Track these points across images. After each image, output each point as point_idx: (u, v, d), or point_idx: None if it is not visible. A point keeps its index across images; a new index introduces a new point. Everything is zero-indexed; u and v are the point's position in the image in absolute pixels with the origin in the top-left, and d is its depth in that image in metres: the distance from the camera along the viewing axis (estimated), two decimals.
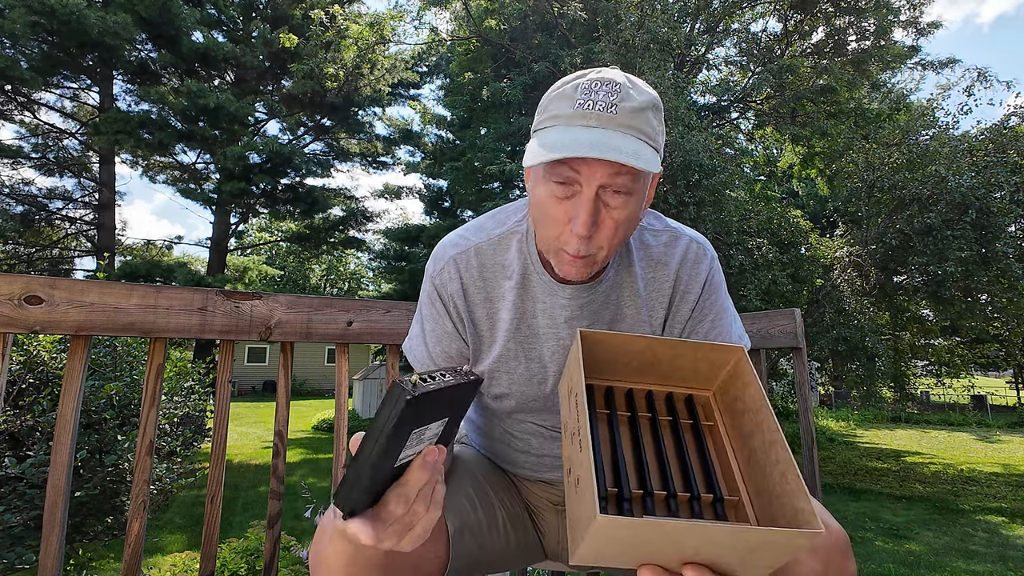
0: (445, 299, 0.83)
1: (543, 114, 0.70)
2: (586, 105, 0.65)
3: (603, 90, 0.65)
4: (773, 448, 0.57)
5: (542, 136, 0.67)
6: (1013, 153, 6.36)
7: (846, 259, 7.50)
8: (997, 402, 19.60)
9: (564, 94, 0.68)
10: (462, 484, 0.86)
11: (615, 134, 0.64)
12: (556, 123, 0.66)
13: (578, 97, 0.66)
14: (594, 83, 0.66)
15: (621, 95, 0.65)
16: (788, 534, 0.46)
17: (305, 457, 8.49)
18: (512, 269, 0.82)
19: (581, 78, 0.68)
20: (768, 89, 8.98)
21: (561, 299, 0.80)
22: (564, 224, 0.68)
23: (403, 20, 10.86)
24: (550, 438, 0.90)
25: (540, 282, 0.81)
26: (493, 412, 0.93)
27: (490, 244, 0.83)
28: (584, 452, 0.53)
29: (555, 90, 0.70)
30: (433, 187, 15.68)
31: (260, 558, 2.52)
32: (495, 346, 0.83)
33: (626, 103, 0.65)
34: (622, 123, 0.64)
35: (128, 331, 1.07)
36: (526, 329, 0.82)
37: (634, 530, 0.46)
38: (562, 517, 0.96)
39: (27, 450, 3.06)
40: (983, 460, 9.34)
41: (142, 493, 1.04)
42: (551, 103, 0.69)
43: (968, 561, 4.40)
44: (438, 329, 0.84)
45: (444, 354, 0.84)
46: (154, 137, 12.05)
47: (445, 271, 0.82)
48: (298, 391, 20.38)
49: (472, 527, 0.81)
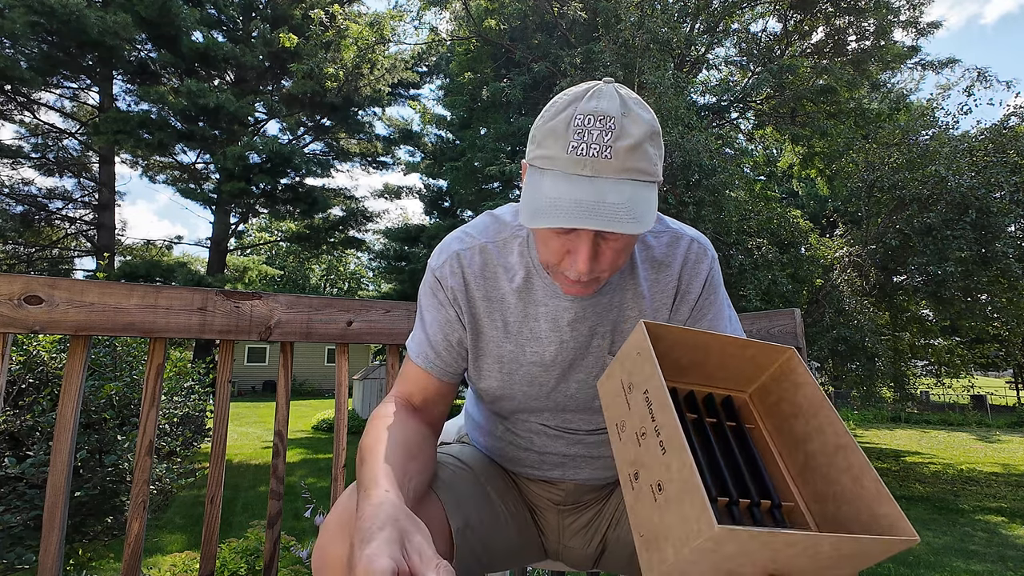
0: (446, 289, 0.82)
1: (538, 149, 0.67)
2: (579, 150, 0.62)
3: (597, 128, 0.63)
4: (841, 452, 0.54)
5: (537, 182, 0.65)
6: (1013, 153, 6.35)
7: (846, 259, 7.50)
8: (997, 402, 19.60)
9: (556, 130, 0.65)
10: (464, 483, 0.86)
11: (610, 185, 0.62)
12: (550, 166, 0.65)
13: (571, 139, 0.63)
14: (587, 119, 0.63)
15: (615, 133, 0.63)
16: (885, 542, 0.43)
17: (305, 457, 8.49)
18: (515, 271, 0.82)
19: (574, 107, 0.65)
20: (768, 89, 8.98)
21: (564, 301, 0.80)
22: (563, 255, 0.69)
23: (403, 20, 10.87)
24: (553, 436, 0.90)
25: (542, 285, 0.81)
26: (495, 411, 0.93)
27: (494, 245, 0.83)
28: (672, 455, 0.48)
29: (550, 119, 0.67)
30: (433, 187, 15.69)
31: (260, 558, 2.53)
32: (496, 348, 0.83)
33: (621, 142, 0.63)
34: (618, 168, 0.63)
35: (128, 331, 1.07)
36: (527, 332, 0.82)
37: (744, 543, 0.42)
38: (563, 517, 0.96)
39: (27, 450, 3.06)
40: (983, 460, 9.34)
41: (142, 493, 1.04)
42: (543, 137, 0.66)
43: (967, 561, 4.40)
44: (439, 317, 0.83)
45: (445, 342, 0.83)
46: (154, 137, 12.05)
47: (448, 264, 0.83)
48: (298, 391, 20.37)
49: (475, 526, 0.81)
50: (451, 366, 0.84)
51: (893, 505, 0.47)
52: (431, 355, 0.84)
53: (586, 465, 0.91)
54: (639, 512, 0.52)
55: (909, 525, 0.46)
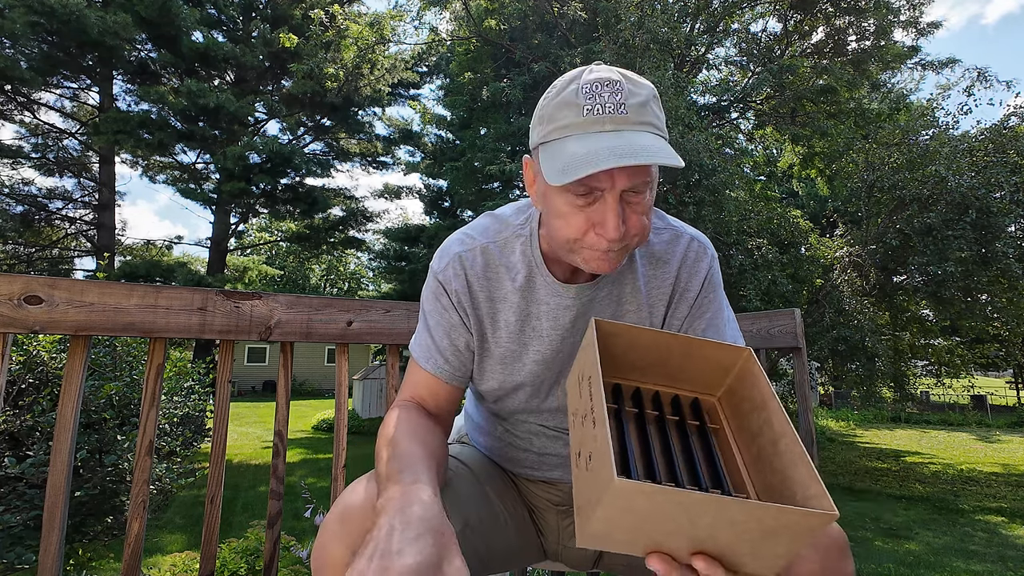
0: (450, 293, 0.82)
1: (549, 124, 0.67)
2: (595, 109, 0.64)
3: (606, 91, 0.65)
4: (781, 440, 0.56)
5: (558, 148, 0.65)
6: (1013, 153, 6.35)
7: (846, 259, 7.50)
8: (997, 402, 19.60)
9: (567, 101, 0.66)
10: (464, 484, 0.86)
11: (633, 134, 0.63)
12: (569, 132, 0.65)
13: (583, 102, 0.64)
14: (594, 85, 0.65)
15: (624, 93, 0.65)
16: (802, 513, 0.45)
17: (305, 457, 8.49)
18: (516, 271, 0.82)
19: (577, 82, 0.67)
20: (768, 89, 8.97)
21: (565, 300, 0.81)
22: (588, 229, 0.68)
23: (403, 20, 10.88)
24: (552, 438, 0.90)
25: (544, 284, 0.81)
26: (495, 412, 0.93)
27: (496, 245, 0.83)
28: (598, 428, 0.52)
29: (555, 98, 0.68)
30: (433, 187, 15.67)
31: (260, 558, 2.53)
32: (497, 347, 0.84)
33: (632, 99, 0.65)
34: (635, 121, 0.64)
35: (128, 331, 1.07)
36: (530, 331, 0.83)
37: (651, 498, 0.45)
38: (562, 517, 0.96)
39: (27, 450, 3.06)
40: (983, 460, 9.34)
41: (142, 493, 1.04)
42: (556, 111, 0.67)
43: (967, 561, 4.40)
44: (444, 322, 0.83)
45: (452, 347, 0.83)
46: (154, 137, 12.04)
47: (450, 267, 0.82)
48: (298, 391, 20.38)
49: (475, 527, 0.81)
50: (459, 370, 0.84)
51: (820, 486, 0.49)
52: (440, 361, 0.83)
53: None
54: (577, 485, 0.56)
55: (831, 502, 0.47)
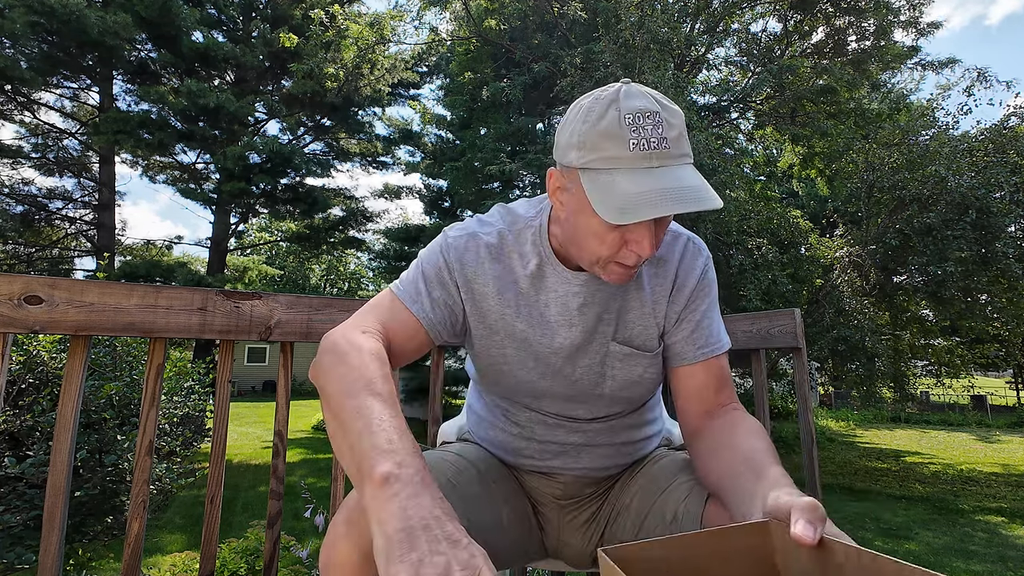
0: (453, 265, 0.85)
1: (592, 152, 0.69)
2: (640, 144, 0.66)
3: (648, 123, 0.67)
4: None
5: (608, 183, 0.67)
6: (1013, 153, 6.35)
7: (846, 259, 7.50)
8: (997, 402, 19.59)
9: (611, 132, 0.67)
10: (468, 482, 0.87)
11: (678, 169, 0.68)
12: (617, 166, 0.67)
13: (627, 135, 0.67)
14: (637, 116, 0.67)
15: (664, 125, 0.68)
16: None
17: (305, 457, 8.49)
18: (528, 258, 0.86)
19: (617, 108, 0.68)
20: (768, 89, 8.97)
21: (574, 287, 0.84)
22: (620, 248, 0.73)
23: (403, 20, 10.87)
24: (553, 426, 0.92)
25: (554, 272, 0.85)
26: (496, 400, 0.96)
27: (511, 232, 0.87)
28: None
29: (595, 124, 0.69)
30: (433, 187, 15.65)
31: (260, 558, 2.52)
32: (505, 324, 0.86)
33: (671, 132, 0.68)
34: (676, 155, 0.68)
35: (128, 331, 1.07)
36: (537, 315, 0.86)
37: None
38: (563, 512, 0.98)
39: (27, 450, 3.06)
40: (983, 460, 9.34)
41: (142, 493, 1.04)
42: (600, 141, 0.68)
43: (967, 561, 4.40)
44: (438, 281, 0.84)
45: (443, 302, 0.84)
46: (154, 137, 12.03)
47: (462, 239, 0.86)
48: (298, 391, 20.37)
49: (478, 525, 0.81)
50: (438, 325, 0.83)
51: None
52: (426, 305, 0.82)
53: (585, 454, 0.93)
54: None
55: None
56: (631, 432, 0.96)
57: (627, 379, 0.88)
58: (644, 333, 0.87)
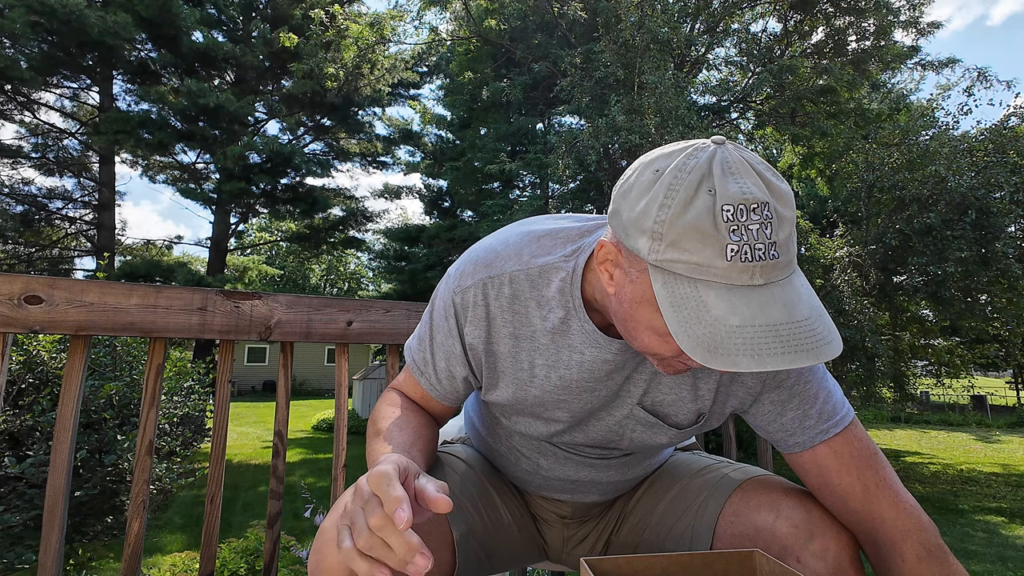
0: (462, 321, 0.74)
1: (672, 250, 0.51)
2: (743, 254, 0.49)
3: (755, 223, 0.49)
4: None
5: (692, 299, 0.51)
6: (1013, 153, 6.35)
7: (846, 259, 7.50)
8: (997, 402, 19.60)
9: (702, 229, 0.50)
10: (468, 487, 0.85)
11: (786, 291, 0.51)
12: (707, 277, 0.51)
13: (727, 239, 0.49)
14: (739, 211, 0.49)
15: (774, 223, 0.50)
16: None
17: (305, 457, 8.49)
18: (550, 308, 0.70)
19: (711, 196, 0.50)
20: (768, 89, 8.97)
21: (605, 353, 0.69)
22: (668, 349, 0.58)
23: (403, 20, 10.87)
24: (563, 459, 0.83)
25: (581, 330, 0.69)
26: (502, 428, 0.87)
27: (527, 275, 0.71)
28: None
29: (679, 211, 0.51)
30: (433, 187, 15.67)
31: (260, 558, 2.53)
32: (516, 390, 0.75)
33: (782, 232, 0.51)
34: (784, 265, 0.51)
35: (128, 331, 1.07)
36: (556, 379, 0.72)
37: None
38: (568, 529, 0.95)
39: (27, 450, 3.06)
40: (982, 460, 9.34)
41: (142, 493, 1.04)
42: (683, 236, 0.51)
43: (967, 561, 4.40)
44: (446, 345, 0.76)
45: (447, 373, 0.77)
46: (154, 137, 12.05)
47: (471, 292, 0.72)
48: (298, 391, 20.37)
49: (477, 532, 0.80)
50: (450, 394, 0.79)
51: None
52: (432, 379, 0.79)
53: (595, 489, 0.88)
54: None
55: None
56: (644, 464, 0.89)
57: (646, 444, 0.79)
58: (675, 405, 0.74)
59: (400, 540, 0.46)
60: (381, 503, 0.47)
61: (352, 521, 0.49)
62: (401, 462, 0.53)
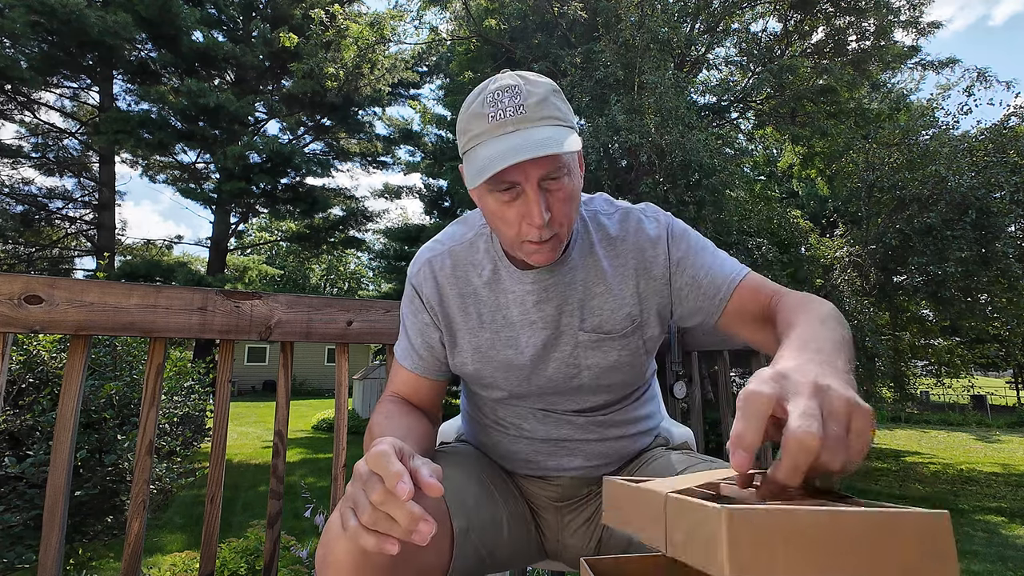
0: (422, 296, 0.90)
1: (464, 136, 0.75)
2: (497, 116, 0.71)
3: (506, 96, 0.72)
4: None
5: (472, 156, 0.73)
6: (1013, 153, 6.35)
7: (846, 259, 7.50)
8: (997, 402, 19.60)
9: (476, 112, 0.73)
10: (466, 483, 0.86)
11: (535, 130, 0.70)
12: (480, 140, 0.72)
13: (487, 111, 0.72)
14: (496, 93, 0.72)
15: (523, 95, 0.71)
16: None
17: (305, 457, 8.49)
18: (482, 266, 0.88)
19: (483, 93, 0.74)
20: (768, 89, 8.97)
21: (527, 285, 0.86)
22: (520, 223, 0.74)
23: (403, 20, 10.85)
24: (541, 418, 0.92)
25: (508, 274, 0.87)
26: (484, 402, 0.97)
27: (461, 246, 0.90)
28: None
29: (466, 111, 0.75)
30: (433, 187, 15.65)
31: (260, 558, 2.53)
32: (472, 338, 0.89)
33: (530, 99, 0.71)
34: (536, 117, 0.71)
35: (128, 331, 1.07)
36: (501, 319, 0.88)
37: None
38: (561, 514, 0.97)
39: (27, 450, 3.06)
40: (982, 460, 9.34)
41: (142, 493, 1.04)
42: (468, 123, 0.74)
43: (967, 561, 4.40)
44: (418, 322, 0.91)
45: (425, 344, 0.91)
46: (154, 137, 12.03)
47: (421, 272, 0.90)
48: (298, 391, 20.37)
49: (476, 527, 0.81)
50: (433, 365, 0.92)
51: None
52: (415, 358, 0.91)
53: (578, 452, 0.93)
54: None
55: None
56: (622, 427, 0.95)
57: (602, 366, 0.87)
58: (612, 317, 0.86)
59: (403, 511, 0.49)
60: (381, 480, 0.51)
61: (355, 502, 0.53)
62: (396, 443, 0.56)
